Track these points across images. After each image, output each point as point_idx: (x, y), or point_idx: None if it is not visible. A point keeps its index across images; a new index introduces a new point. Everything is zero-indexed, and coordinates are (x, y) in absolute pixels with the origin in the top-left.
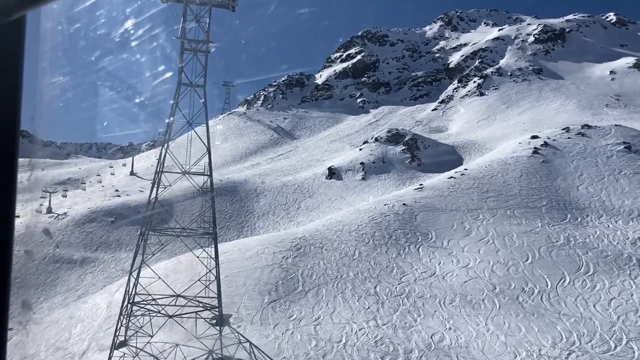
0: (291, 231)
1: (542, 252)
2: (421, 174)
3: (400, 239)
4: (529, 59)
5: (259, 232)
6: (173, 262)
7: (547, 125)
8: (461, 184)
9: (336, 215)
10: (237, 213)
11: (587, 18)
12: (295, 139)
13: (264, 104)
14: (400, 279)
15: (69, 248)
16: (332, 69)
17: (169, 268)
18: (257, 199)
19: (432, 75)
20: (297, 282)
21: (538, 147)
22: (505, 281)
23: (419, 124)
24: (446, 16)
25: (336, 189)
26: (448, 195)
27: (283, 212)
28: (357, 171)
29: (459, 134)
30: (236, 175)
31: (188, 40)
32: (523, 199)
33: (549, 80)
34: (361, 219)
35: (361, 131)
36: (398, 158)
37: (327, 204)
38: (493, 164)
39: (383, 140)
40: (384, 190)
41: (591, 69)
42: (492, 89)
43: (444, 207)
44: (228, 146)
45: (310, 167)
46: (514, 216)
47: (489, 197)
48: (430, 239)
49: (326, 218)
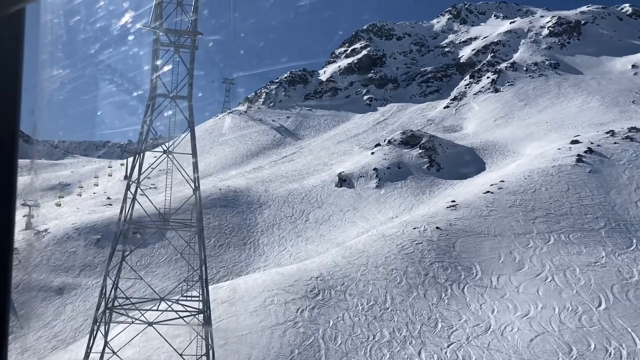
0: (304, 266)
1: (616, 293)
2: (441, 181)
3: (439, 275)
4: (544, 53)
5: (263, 249)
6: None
7: (572, 124)
8: (501, 201)
9: (356, 242)
10: (239, 227)
11: (602, 9)
12: (299, 139)
13: (266, 102)
14: (449, 337)
15: (47, 272)
16: (336, 64)
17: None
18: (261, 209)
19: (442, 71)
20: (318, 349)
21: (582, 154)
22: (581, 338)
23: (431, 123)
24: (454, 9)
25: (348, 199)
26: (488, 216)
27: (289, 226)
28: (370, 178)
29: (476, 134)
30: (237, 181)
31: (164, 31)
32: (576, 219)
33: (567, 75)
34: (388, 248)
35: (369, 131)
36: (415, 163)
37: (339, 216)
38: (533, 174)
39: (397, 143)
40: (401, 200)
41: (611, 63)
42: (507, 84)
43: (485, 231)
44: (228, 148)
45: (317, 173)
46: (571, 242)
47: (537, 217)
48: (475, 275)
49: (345, 247)
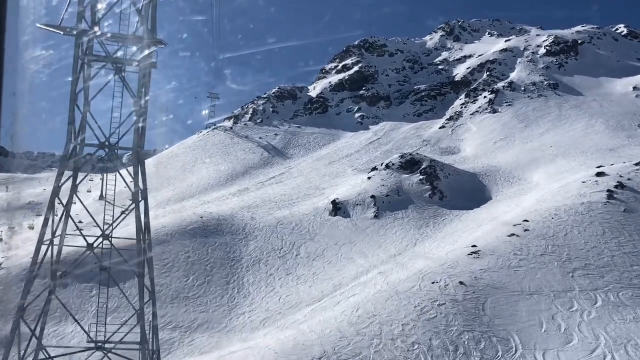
0: (302, 337)
1: None
2: (445, 211)
3: (471, 351)
4: (542, 73)
5: (249, 289)
6: None
7: (579, 149)
8: (530, 247)
9: (363, 297)
10: (221, 262)
11: (597, 30)
12: (288, 159)
13: (253, 118)
14: None
15: None
16: (326, 80)
17: None
18: (246, 241)
19: (436, 89)
20: None
21: (612, 189)
22: None
23: (426, 144)
24: (447, 25)
25: (343, 230)
26: (518, 267)
27: (278, 261)
28: (367, 206)
29: (476, 157)
30: (221, 206)
31: (95, 38)
32: (621, 272)
33: (567, 97)
34: (404, 310)
35: (362, 151)
36: (415, 190)
37: (333, 250)
38: (560, 213)
39: (395, 168)
40: (403, 233)
41: (611, 85)
42: (505, 105)
43: (518, 287)
44: (212, 166)
45: (308, 198)
46: (622, 304)
47: (575, 269)
48: (514, 350)
49: (350, 304)
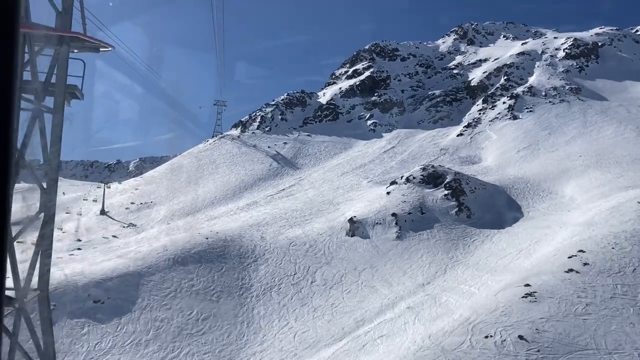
0: None
1: None
2: (475, 231)
3: None
4: (563, 77)
5: (259, 324)
6: None
7: (612, 159)
8: (595, 286)
9: (401, 354)
10: (229, 291)
11: (617, 31)
12: (298, 169)
13: (261, 127)
14: None
15: None
16: (337, 86)
17: None
18: (256, 265)
19: (451, 94)
20: None
21: None
22: None
23: (445, 153)
24: (460, 29)
25: (362, 253)
26: (586, 315)
27: (292, 289)
28: (388, 226)
29: (499, 168)
30: (228, 224)
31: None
32: None
33: (591, 102)
34: None
35: (377, 160)
36: (440, 207)
37: (353, 276)
38: (620, 241)
39: (417, 182)
40: (430, 257)
41: (636, 89)
42: (526, 111)
43: (591, 343)
44: (218, 178)
45: (322, 214)
46: None
47: None
48: None
49: (381, 355)
